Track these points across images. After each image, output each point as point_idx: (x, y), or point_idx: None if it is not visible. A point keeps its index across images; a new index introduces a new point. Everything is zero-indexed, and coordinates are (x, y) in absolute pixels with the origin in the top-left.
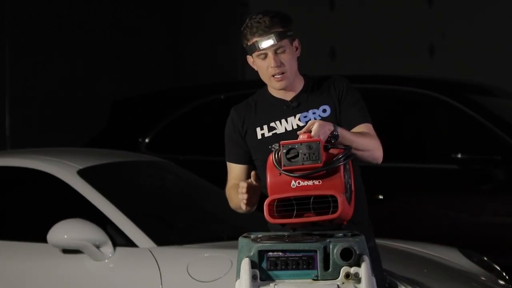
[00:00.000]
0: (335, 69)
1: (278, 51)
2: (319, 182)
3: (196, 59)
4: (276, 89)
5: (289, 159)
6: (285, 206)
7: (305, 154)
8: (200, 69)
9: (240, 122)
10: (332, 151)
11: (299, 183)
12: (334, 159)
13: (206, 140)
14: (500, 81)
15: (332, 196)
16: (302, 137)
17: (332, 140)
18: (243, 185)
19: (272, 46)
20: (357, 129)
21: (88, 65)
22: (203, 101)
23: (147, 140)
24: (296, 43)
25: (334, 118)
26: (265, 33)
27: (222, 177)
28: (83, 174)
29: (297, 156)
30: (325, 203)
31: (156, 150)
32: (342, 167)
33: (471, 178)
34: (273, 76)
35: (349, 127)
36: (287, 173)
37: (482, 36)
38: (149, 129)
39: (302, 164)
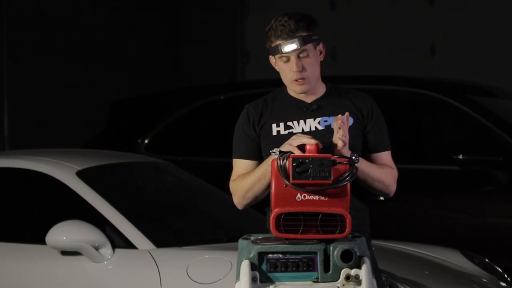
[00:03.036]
0: (335, 69)
1: (301, 55)
2: (325, 197)
3: (196, 60)
4: (296, 92)
5: (298, 173)
6: (291, 220)
7: (315, 170)
8: (200, 69)
9: (257, 117)
10: (339, 166)
11: (304, 196)
12: (342, 176)
13: (206, 141)
14: (502, 81)
15: (341, 216)
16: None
17: (356, 160)
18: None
19: (294, 50)
20: (376, 156)
21: (87, 65)
22: (203, 102)
23: (146, 141)
24: (320, 47)
25: (356, 130)
26: (289, 37)
27: (221, 178)
28: (82, 175)
29: (307, 171)
30: (333, 221)
31: (155, 151)
32: (349, 185)
33: (473, 179)
34: (295, 80)
35: (369, 152)
36: (295, 187)
37: (483, 36)
38: (148, 130)
39: (312, 179)
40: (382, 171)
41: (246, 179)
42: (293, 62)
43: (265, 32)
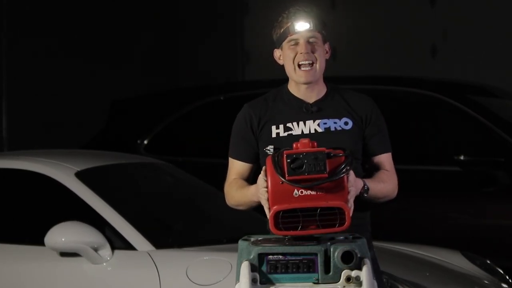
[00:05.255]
0: (336, 69)
1: (311, 40)
2: (322, 191)
3: (195, 60)
4: (300, 82)
5: (293, 169)
6: (290, 217)
7: (310, 165)
8: (200, 69)
9: (256, 119)
10: (334, 159)
11: (301, 192)
12: (338, 169)
13: (205, 141)
14: (503, 82)
15: (340, 209)
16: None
17: (365, 194)
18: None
19: (306, 31)
20: (376, 159)
21: (87, 65)
22: (202, 102)
23: (146, 142)
24: (327, 46)
25: (355, 134)
26: (302, 18)
27: (221, 179)
28: (81, 176)
29: (302, 166)
30: (331, 215)
31: (155, 151)
32: (346, 177)
33: (474, 180)
34: (300, 66)
35: (369, 155)
36: (291, 183)
37: (483, 36)
38: (148, 131)
39: (307, 174)
40: (386, 185)
41: (236, 193)
42: (302, 45)
43: (274, 25)
